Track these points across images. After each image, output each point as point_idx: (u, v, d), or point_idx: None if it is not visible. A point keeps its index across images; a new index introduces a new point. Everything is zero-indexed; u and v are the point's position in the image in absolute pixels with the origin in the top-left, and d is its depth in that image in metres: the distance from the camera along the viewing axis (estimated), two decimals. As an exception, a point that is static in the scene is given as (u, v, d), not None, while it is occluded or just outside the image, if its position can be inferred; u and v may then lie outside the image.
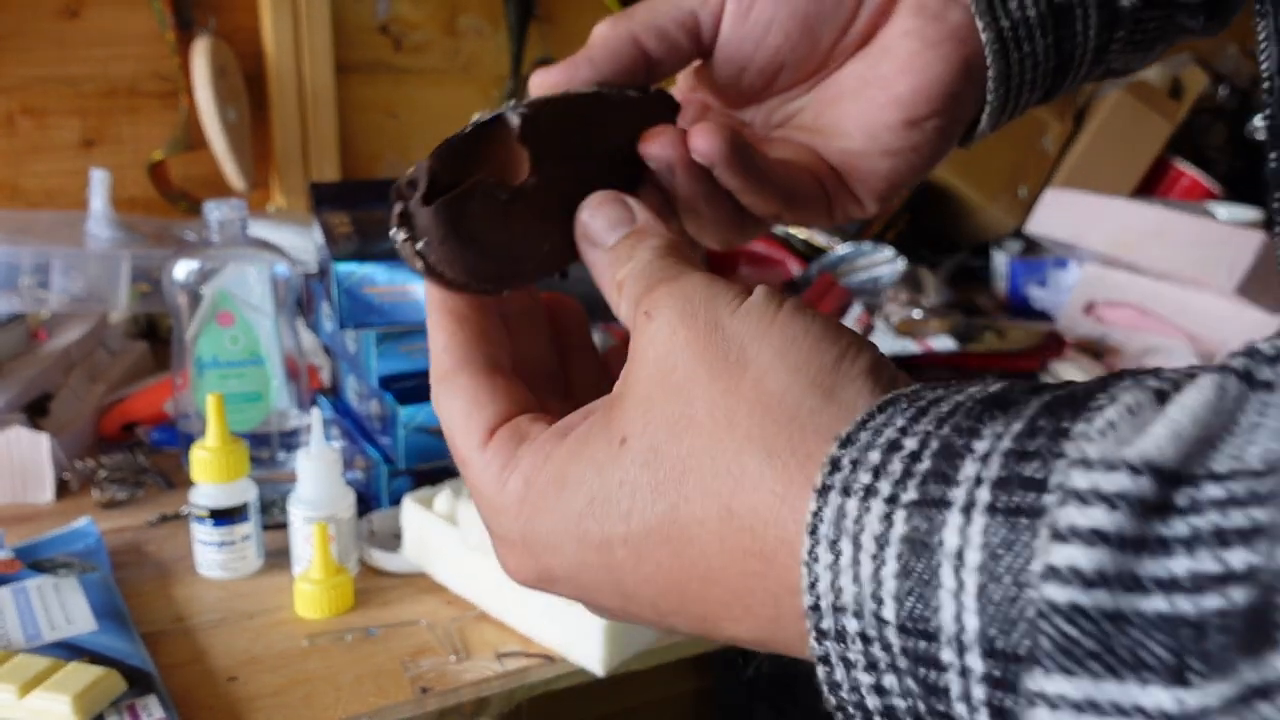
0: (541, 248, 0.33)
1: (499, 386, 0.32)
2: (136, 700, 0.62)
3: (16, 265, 1.05)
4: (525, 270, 0.33)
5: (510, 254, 0.33)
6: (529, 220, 0.33)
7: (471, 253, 0.31)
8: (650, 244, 0.31)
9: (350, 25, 1.41)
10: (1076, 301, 1.35)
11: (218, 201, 0.94)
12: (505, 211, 0.32)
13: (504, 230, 0.32)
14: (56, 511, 0.88)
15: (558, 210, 0.34)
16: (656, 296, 0.29)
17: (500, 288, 0.33)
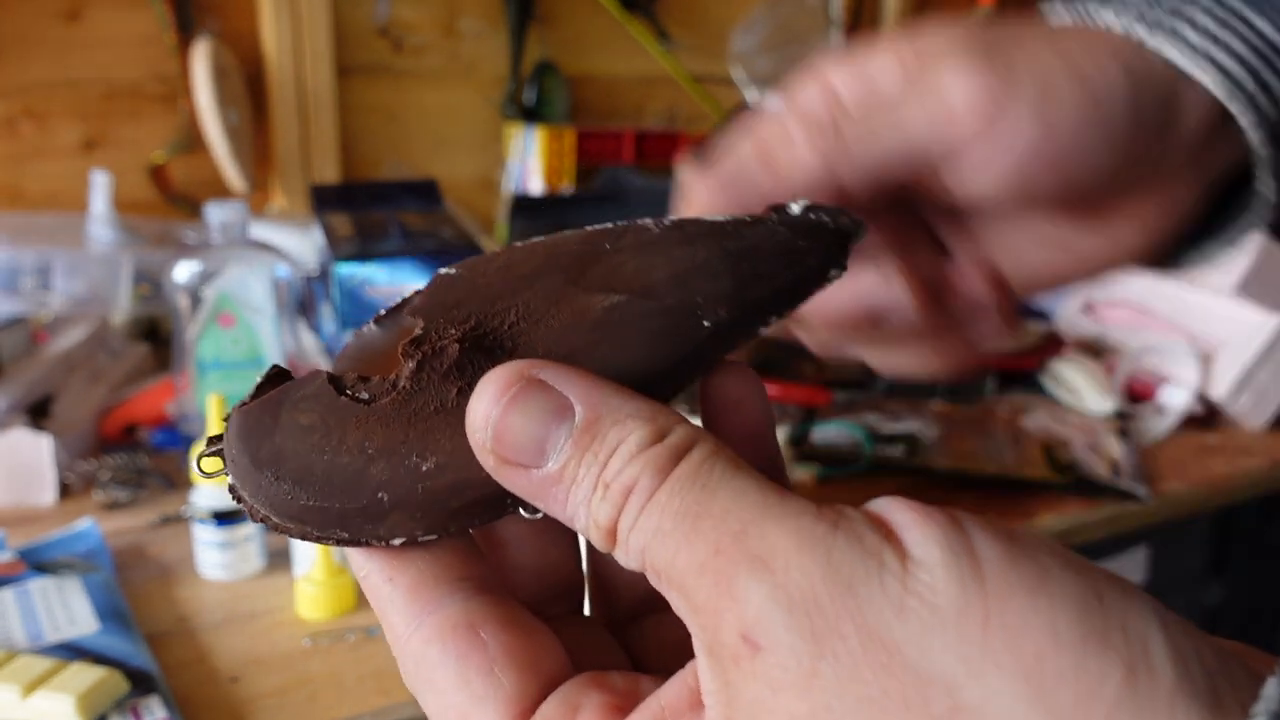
0: (419, 469, 0.22)
1: (511, 635, 0.22)
2: (139, 701, 0.63)
3: (18, 267, 1.05)
4: (390, 512, 0.22)
5: (349, 483, 0.22)
6: (397, 429, 0.22)
7: (278, 479, 0.23)
8: (637, 438, 0.20)
9: (350, 28, 1.41)
10: (1075, 301, 1.35)
11: (219, 203, 0.95)
12: (354, 419, 0.23)
13: (341, 447, 0.22)
14: (58, 513, 0.88)
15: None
16: (741, 588, 0.18)
17: (349, 534, 0.23)
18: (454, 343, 0.23)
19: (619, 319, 0.23)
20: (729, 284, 0.24)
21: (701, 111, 1.67)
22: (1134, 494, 0.98)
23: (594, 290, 0.24)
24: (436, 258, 0.87)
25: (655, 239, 0.24)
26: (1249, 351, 1.13)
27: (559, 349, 0.23)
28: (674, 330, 0.23)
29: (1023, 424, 1.10)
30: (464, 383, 0.22)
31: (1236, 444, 1.12)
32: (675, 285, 0.23)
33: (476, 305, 0.24)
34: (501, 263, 0.25)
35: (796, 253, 0.24)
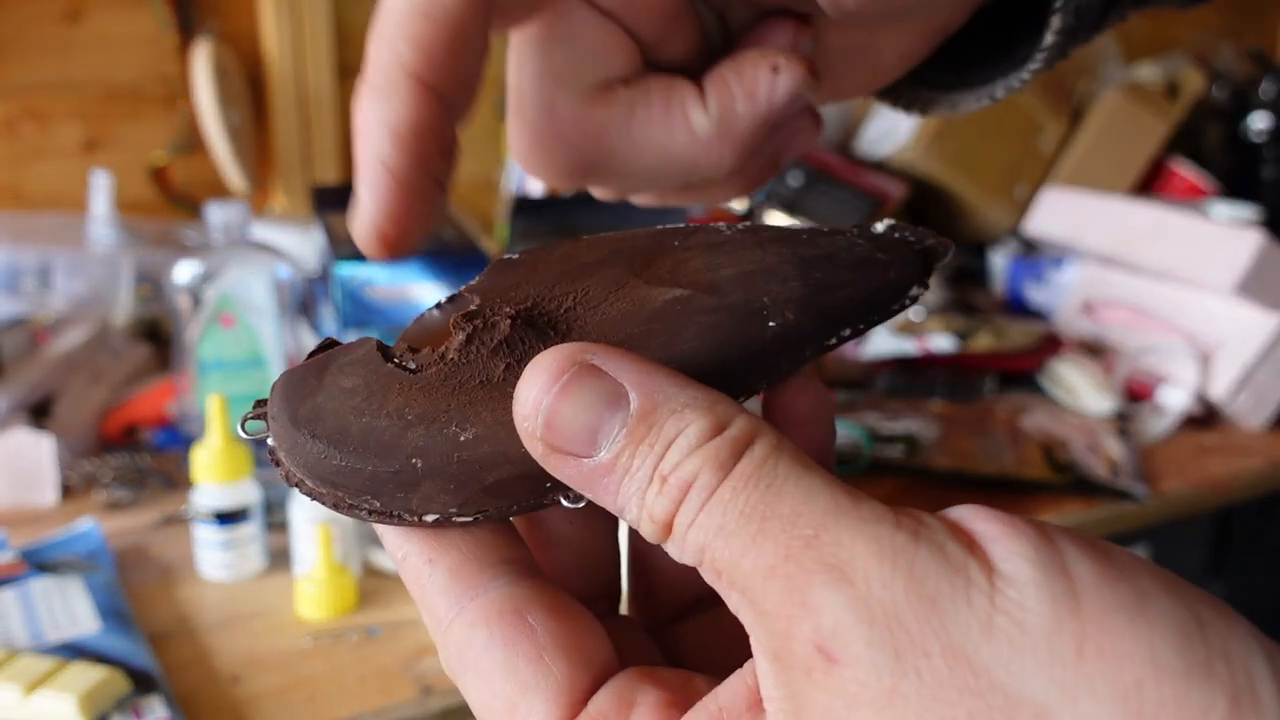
0: (456, 438, 0.21)
1: (560, 623, 0.21)
2: (140, 700, 0.63)
3: (19, 268, 1.05)
4: (423, 480, 0.21)
5: (383, 446, 0.21)
6: (439, 398, 0.22)
7: (314, 438, 0.22)
8: (696, 429, 0.19)
9: (351, 28, 1.41)
10: (1074, 301, 1.35)
11: (219, 204, 0.95)
12: (397, 386, 0.22)
13: (380, 411, 0.22)
14: (60, 513, 0.89)
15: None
16: (816, 597, 0.17)
17: (380, 504, 0.22)
18: (505, 319, 0.22)
19: (679, 311, 0.22)
20: (799, 288, 0.23)
21: (701, 112, 1.67)
22: (1133, 494, 0.98)
23: (656, 283, 0.23)
24: (437, 258, 0.87)
25: (725, 239, 0.24)
26: (1248, 351, 1.13)
27: (614, 335, 0.22)
28: (736, 328, 0.22)
29: (1022, 424, 1.10)
30: (512, 359, 0.22)
31: (1235, 444, 1.12)
32: (741, 284, 0.23)
33: (534, 288, 0.24)
34: (564, 251, 0.25)
35: (875, 265, 0.23)
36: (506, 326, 0.22)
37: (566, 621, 0.21)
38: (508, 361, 0.22)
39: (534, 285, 0.24)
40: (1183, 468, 1.05)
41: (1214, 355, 1.16)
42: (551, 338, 0.22)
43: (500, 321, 0.22)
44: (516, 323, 0.22)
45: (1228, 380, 1.14)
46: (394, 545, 0.23)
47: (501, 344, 0.22)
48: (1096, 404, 1.14)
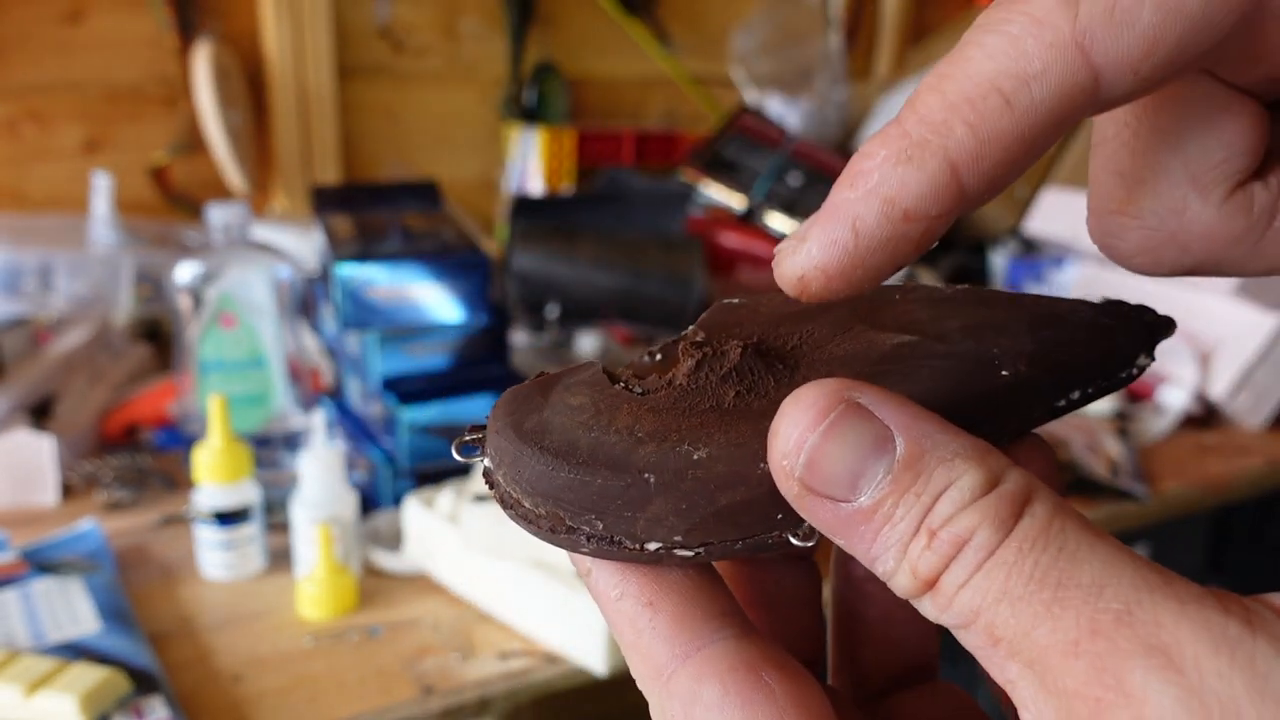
0: (690, 456, 0.20)
1: (794, 686, 0.20)
2: (141, 700, 0.63)
3: (20, 269, 1.05)
4: (654, 498, 0.20)
5: (614, 459, 0.21)
6: (669, 419, 0.21)
7: (541, 450, 0.21)
8: (969, 482, 0.18)
9: (351, 29, 1.41)
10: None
11: (220, 204, 0.95)
12: (625, 406, 0.22)
13: (610, 427, 0.21)
14: (60, 513, 0.89)
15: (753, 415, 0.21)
16: (1137, 683, 0.16)
17: (604, 525, 0.21)
18: (735, 348, 0.22)
19: (909, 354, 0.22)
20: (1029, 343, 0.22)
21: (701, 112, 1.68)
22: (1133, 494, 0.98)
23: (883, 329, 0.23)
24: (437, 258, 0.87)
25: (949, 296, 0.24)
26: (1247, 351, 1.13)
27: (844, 373, 0.21)
28: (969, 375, 0.21)
29: (1022, 424, 1.10)
30: (742, 387, 0.22)
31: (1235, 443, 1.12)
32: (971, 335, 0.22)
33: (758, 327, 0.24)
34: (785, 298, 0.23)
35: (1104, 330, 0.23)
36: (736, 355, 0.22)
37: (800, 685, 0.20)
38: (737, 389, 0.22)
39: (758, 325, 0.24)
40: (1182, 467, 1.05)
41: (1214, 355, 1.16)
42: (780, 370, 0.22)
43: (730, 350, 0.22)
44: (746, 353, 0.22)
45: (1227, 380, 1.14)
46: (608, 584, 0.21)
47: (731, 372, 0.22)
48: (1096, 403, 1.14)
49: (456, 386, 0.89)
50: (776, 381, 0.22)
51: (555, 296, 1.26)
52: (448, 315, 0.88)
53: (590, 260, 1.28)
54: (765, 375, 0.22)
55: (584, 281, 1.27)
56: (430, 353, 0.90)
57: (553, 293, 1.26)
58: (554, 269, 1.28)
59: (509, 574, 0.73)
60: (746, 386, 0.22)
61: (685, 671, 0.20)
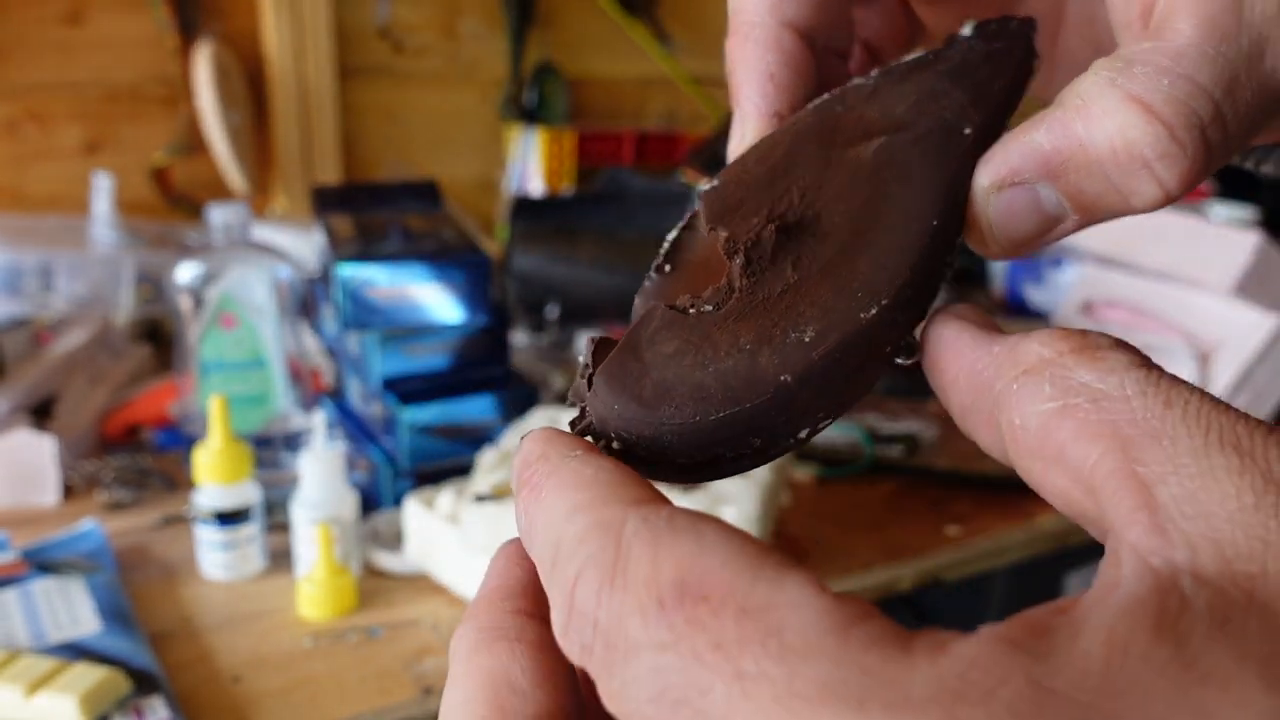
0: (802, 341, 0.21)
1: None
2: (141, 700, 0.63)
3: (21, 269, 1.06)
4: (798, 392, 0.21)
5: (747, 380, 0.21)
6: (761, 318, 0.22)
7: (678, 408, 0.21)
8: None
9: (351, 29, 1.41)
10: (1073, 301, 1.35)
11: (220, 205, 0.95)
12: (714, 328, 0.22)
13: (719, 355, 0.22)
14: (61, 513, 0.89)
15: (825, 291, 0.22)
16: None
17: (761, 440, 0.22)
18: (769, 230, 0.23)
19: (891, 156, 0.24)
20: (964, 94, 0.24)
21: (701, 112, 1.68)
22: (1133, 494, 0.98)
23: (852, 144, 0.25)
24: (437, 259, 0.87)
25: (875, 87, 0.26)
26: (1247, 351, 1.13)
27: (855, 200, 0.23)
28: (943, 146, 0.24)
29: (1022, 424, 1.10)
30: (794, 256, 0.23)
31: (1235, 444, 1.12)
32: (920, 113, 0.24)
33: (757, 198, 0.25)
34: (753, 158, 0.26)
35: (1000, 55, 0.25)
36: (771, 236, 0.23)
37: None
38: (791, 259, 0.23)
39: (755, 196, 0.25)
40: (1182, 468, 1.05)
41: (1213, 355, 1.16)
42: (811, 228, 0.23)
43: (764, 235, 0.23)
44: (778, 231, 0.23)
45: (1227, 380, 1.14)
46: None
47: (777, 252, 0.23)
48: (1096, 404, 1.14)
49: (456, 387, 0.89)
50: (816, 239, 0.23)
51: (555, 296, 1.26)
52: (448, 315, 0.88)
53: (590, 260, 1.28)
54: (804, 238, 0.23)
55: (584, 281, 1.27)
56: (430, 353, 0.90)
57: (553, 293, 1.26)
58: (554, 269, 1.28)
59: (509, 574, 0.73)
60: (796, 257, 0.23)
61: None
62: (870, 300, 0.21)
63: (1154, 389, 0.17)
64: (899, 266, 0.22)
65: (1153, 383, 0.17)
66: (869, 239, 0.22)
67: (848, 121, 0.25)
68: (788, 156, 0.25)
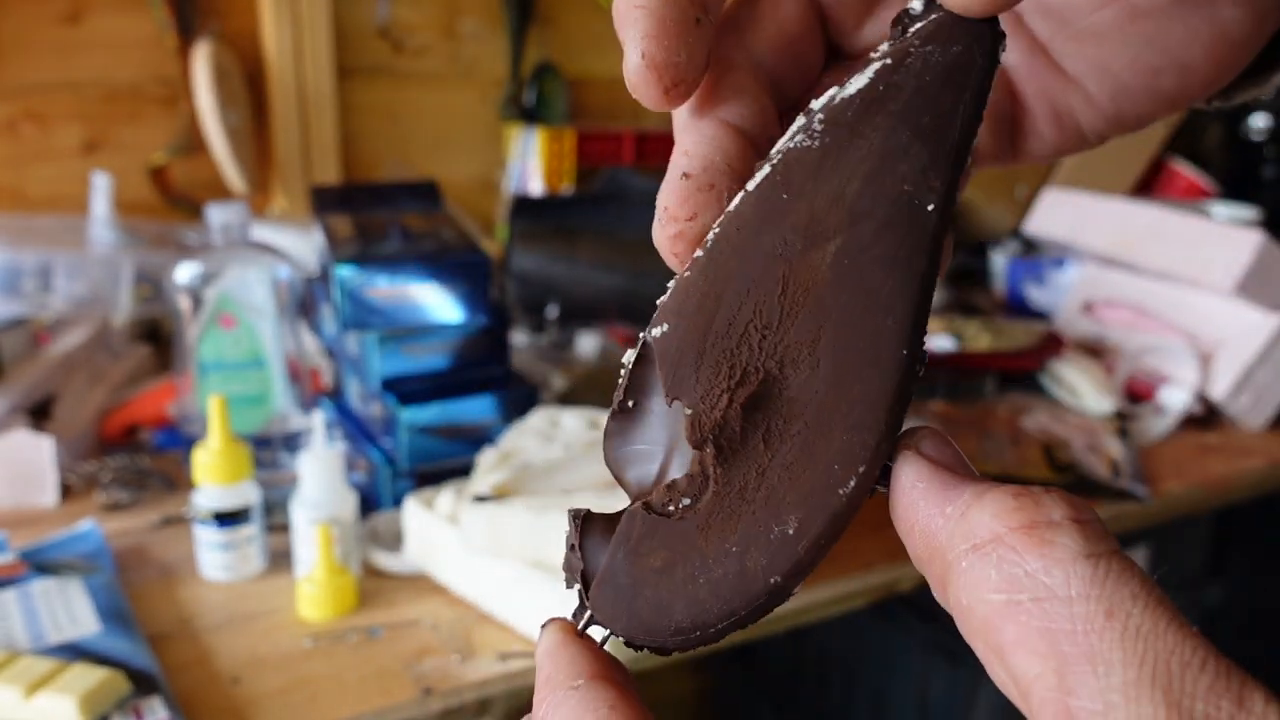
0: (786, 536, 0.21)
1: None
2: (141, 701, 0.63)
3: (19, 269, 1.05)
4: (786, 584, 0.21)
5: (738, 588, 0.21)
6: (741, 514, 0.22)
7: (678, 629, 0.22)
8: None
9: (350, 29, 1.41)
10: (1074, 301, 1.35)
11: (219, 205, 0.95)
12: (697, 532, 0.22)
13: (707, 564, 0.22)
14: (60, 514, 0.89)
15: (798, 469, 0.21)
16: None
17: (756, 617, 0.22)
18: (733, 413, 0.22)
19: (850, 264, 0.21)
20: (923, 149, 0.22)
21: (701, 112, 1.67)
22: (1134, 494, 0.98)
23: (805, 250, 0.22)
24: (437, 259, 0.87)
25: (822, 151, 0.22)
26: (1248, 351, 1.13)
27: (818, 336, 0.21)
28: (906, 234, 0.21)
29: (1022, 424, 1.10)
30: (764, 430, 0.22)
31: (1236, 444, 1.12)
32: (877, 193, 0.21)
33: (714, 347, 0.23)
34: (699, 285, 0.23)
35: (960, 63, 0.22)
36: (739, 415, 0.22)
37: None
38: (762, 434, 0.22)
39: (709, 342, 0.23)
40: (1183, 468, 1.05)
41: (1214, 355, 1.16)
42: (776, 391, 0.22)
43: (727, 415, 0.22)
44: (744, 408, 0.22)
45: (1228, 380, 1.14)
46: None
47: (746, 427, 0.22)
48: (1097, 404, 1.14)
49: (456, 387, 0.89)
50: (784, 402, 0.22)
51: (555, 296, 1.26)
52: (448, 315, 0.88)
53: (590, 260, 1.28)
54: (771, 403, 0.22)
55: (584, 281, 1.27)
56: (430, 353, 0.90)
57: (553, 293, 1.26)
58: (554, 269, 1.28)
59: (509, 574, 0.73)
60: (765, 429, 0.22)
61: None
62: (848, 473, 0.21)
63: (1099, 590, 0.17)
64: (873, 426, 0.21)
65: (1099, 581, 0.17)
66: (839, 391, 0.21)
67: (797, 217, 0.22)
68: (737, 282, 0.22)
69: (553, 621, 0.23)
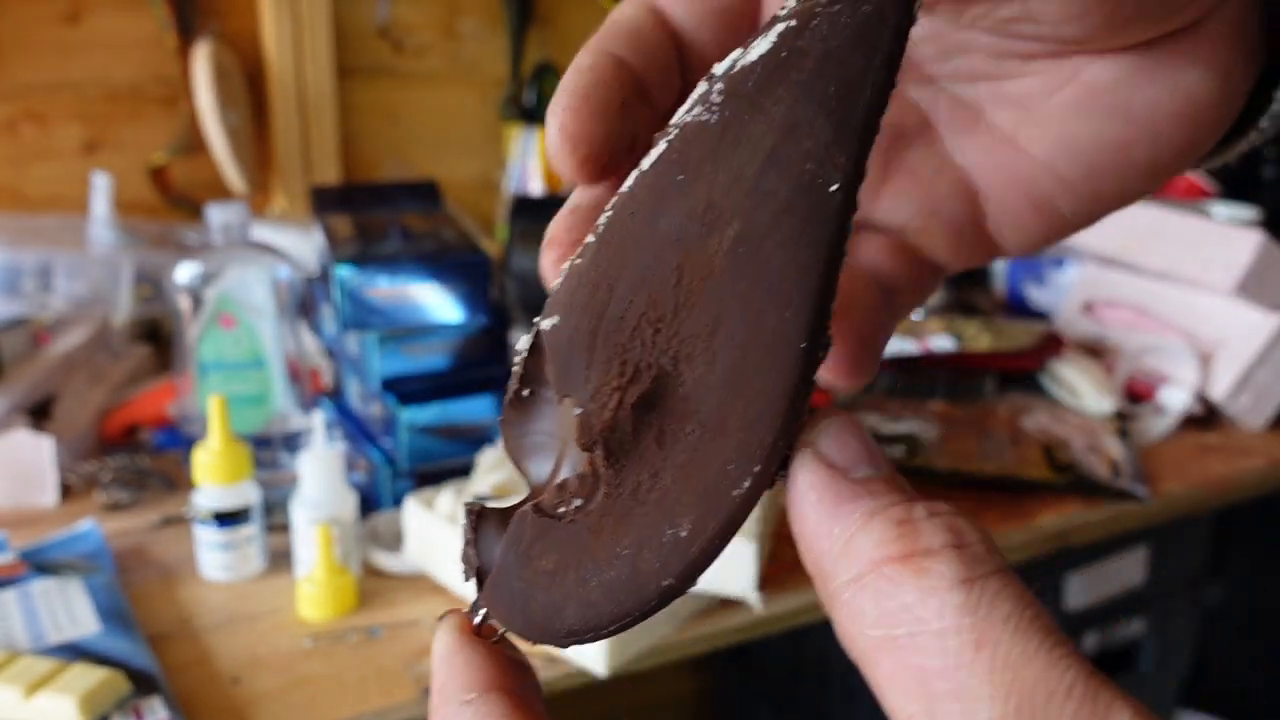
0: (678, 538, 0.20)
1: None
2: (141, 701, 0.63)
3: (20, 269, 1.05)
4: (678, 588, 0.21)
5: (631, 591, 0.21)
6: (633, 517, 0.21)
7: (570, 632, 0.21)
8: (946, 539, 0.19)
9: (350, 29, 1.41)
10: (1075, 301, 1.35)
11: (219, 205, 0.95)
12: (589, 534, 0.21)
13: (599, 565, 0.21)
14: (60, 514, 0.89)
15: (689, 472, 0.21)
16: None
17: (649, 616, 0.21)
18: (624, 411, 0.21)
19: (748, 251, 0.20)
20: (828, 123, 0.20)
21: (701, 112, 1.67)
22: (1134, 494, 0.98)
23: (703, 236, 0.21)
24: (437, 259, 0.87)
25: (719, 130, 0.21)
26: (1248, 351, 1.13)
27: (715, 329, 0.20)
28: (808, 218, 0.20)
29: (1022, 424, 1.10)
30: (657, 429, 0.21)
31: (1236, 444, 1.12)
32: (776, 170, 0.20)
33: (606, 341, 0.22)
34: (591, 274, 0.22)
35: (870, 24, 0.20)
36: (629, 415, 0.21)
37: None
38: (655, 434, 0.21)
39: (602, 335, 0.22)
40: (1183, 468, 1.05)
41: (1214, 355, 1.16)
42: (671, 385, 0.21)
43: (619, 415, 0.21)
44: (636, 404, 0.21)
45: (1228, 380, 1.14)
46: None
47: (638, 426, 0.21)
48: (1097, 404, 1.14)
49: (456, 387, 0.89)
50: (678, 400, 0.21)
51: (555, 297, 1.26)
52: (448, 315, 0.88)
53: (590, 260, 1.28)
54: (665, 401, 0.21)
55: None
56: (430, 353, 0.90)
57: (553, 293, 1.26)
58: (554, 269, 1.27)
59: (509, 575, 0.72)
60: (659, 430, 0.21)
61: None
62: (743, 474, 0.20)
63: (970, 619, 0.17)
64: (769, 424, 0.20)
65: (971, 609, 0.17)
66: (735, 388, 0.20)
67: (694, 200, 0.21)
68: (630, 271, 0.21)
69: (448, 617, 0.23)
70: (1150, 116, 0.26)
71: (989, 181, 0.28)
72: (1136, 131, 0.26)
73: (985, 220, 0.28)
